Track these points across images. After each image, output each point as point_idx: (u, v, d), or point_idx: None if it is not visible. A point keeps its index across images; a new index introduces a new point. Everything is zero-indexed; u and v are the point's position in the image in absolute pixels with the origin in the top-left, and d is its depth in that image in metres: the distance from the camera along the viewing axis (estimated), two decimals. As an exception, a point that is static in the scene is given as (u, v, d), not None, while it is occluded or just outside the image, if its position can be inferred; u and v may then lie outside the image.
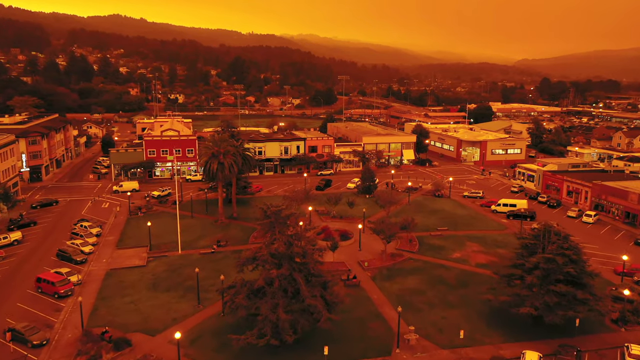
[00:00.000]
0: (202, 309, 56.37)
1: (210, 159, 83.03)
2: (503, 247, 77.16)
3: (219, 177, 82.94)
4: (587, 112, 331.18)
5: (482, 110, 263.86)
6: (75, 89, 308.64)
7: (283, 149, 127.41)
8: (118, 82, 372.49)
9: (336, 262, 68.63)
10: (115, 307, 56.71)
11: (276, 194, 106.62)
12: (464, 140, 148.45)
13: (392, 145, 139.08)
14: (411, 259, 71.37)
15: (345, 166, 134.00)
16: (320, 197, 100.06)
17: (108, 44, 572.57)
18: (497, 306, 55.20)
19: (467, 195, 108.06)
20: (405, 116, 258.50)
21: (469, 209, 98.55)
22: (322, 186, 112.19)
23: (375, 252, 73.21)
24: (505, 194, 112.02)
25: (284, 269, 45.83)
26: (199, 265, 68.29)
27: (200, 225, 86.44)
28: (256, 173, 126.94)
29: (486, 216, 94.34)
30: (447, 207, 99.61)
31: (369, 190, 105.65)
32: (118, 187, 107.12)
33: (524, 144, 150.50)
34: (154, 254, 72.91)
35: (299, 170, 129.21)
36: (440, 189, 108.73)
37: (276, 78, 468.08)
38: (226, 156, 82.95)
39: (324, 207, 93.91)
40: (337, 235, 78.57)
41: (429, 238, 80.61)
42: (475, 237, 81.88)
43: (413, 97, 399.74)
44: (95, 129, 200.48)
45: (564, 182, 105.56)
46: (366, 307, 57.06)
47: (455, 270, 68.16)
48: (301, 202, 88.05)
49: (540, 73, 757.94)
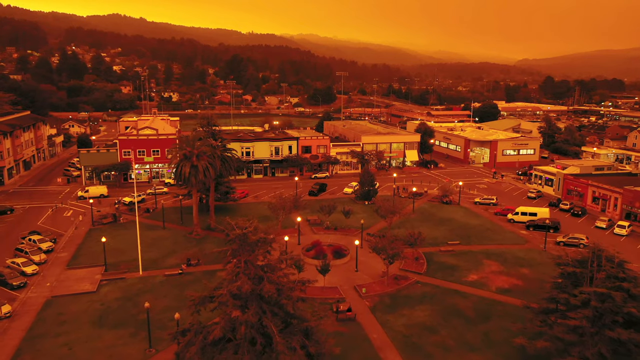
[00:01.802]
0: (153, 354, 44.30)
1: (182, 162, 70.99)
2: (527, 266, 65.11)
3: (192, 182, 70.85)
4: (594, 111, 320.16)
5: (488, 108, 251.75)
6: (64, 87, 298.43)
7: (273, 149, 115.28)
8: (111, 80, 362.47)
9: (328, 288, 56.58)
10: (44, 352, 44.58)
11: (264, 200, 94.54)
12: (473, 139, 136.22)
13: (394, 146, 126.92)
14: (419, 283, 59.24)
15: (342, 168, 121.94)
16: (313, 204, 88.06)
17: (106, 42, 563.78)
18: (532, 354, 42.86)
19: (478, 202, 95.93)
20: (407, 115, 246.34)
21: (482, 218, 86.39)
22: (315, 191, 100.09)
23: (376, 274, 61.14)
24: (521, 200, 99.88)
25: (250, 313, 33.78)
26: (161, 291, 56.48)
27: (172, 238, 74.34)
28: (244, 176, 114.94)
29: (502, 227, 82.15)
30: (457, 215, 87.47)
31: (368, 197, 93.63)
32: (83, 192, 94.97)
33: (537, 143, 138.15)
34: (109, 275, 60.84)
35: (291, 173, 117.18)
36: (449, 195, 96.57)
37: (275, 77, 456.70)
38: (200, 158, 70.90)
39: (316, 216, 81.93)
40: (330, 251, 66.56)
41: (439, 255, 68.44)
42: (492, 253, 69.73)
43: (414, 95, 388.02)
44: (78, 127, 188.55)
45: (589, 187, 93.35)
46: (363, 352, 44.90)
47: (473, 297, 56.04)
48: (289, 211, 76.04)
49: (541, 73, 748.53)
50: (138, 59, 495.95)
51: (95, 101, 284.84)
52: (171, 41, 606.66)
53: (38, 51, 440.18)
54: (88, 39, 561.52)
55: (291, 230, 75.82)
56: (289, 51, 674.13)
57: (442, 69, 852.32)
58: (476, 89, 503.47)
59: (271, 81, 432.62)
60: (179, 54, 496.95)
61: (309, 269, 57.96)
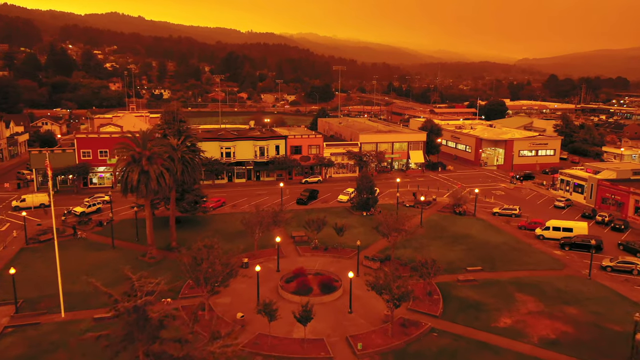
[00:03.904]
0: None
1: (129, 166, 55.90)
2: (573, 303, 50.01)
3: (142, 191, 55.70)
4: (602, 109, 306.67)
5: (495, 106, 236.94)
6: (47, 83, 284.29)
7: (258, 149, 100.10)
8: (100, 77, 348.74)
9: (310, 341, 41.45)
10: None
11: (244, 209, 79.43)
12: (485, 139, 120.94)
13: (396, 145, 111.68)
14: (434, 332, 44.03)
15: (337, 171, 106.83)
16: (302, 215, 73.00)
17: (102, 40, 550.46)
18: None
19: (498, 213, 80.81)
20: (408, 112, 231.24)
21: (504, 234, 71.26)
22: (304, 199, 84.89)
23: (376, 317, 45.99)
24: (546, 210, 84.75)
25: None
26: (80, 348, 41.05)
27: (119, 261, 58.93)
28: (224, 180, 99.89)
29: (531, 245, 67.05)
30: (474, 230, 72.37)
31: (366, 206, 78.56)
32: (19, 202, 79.54)
33: (557, 143, 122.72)
34: (20, 318, 45.71)
35: (278, 177, 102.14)
36: (462, 204, 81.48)
37: (272, 75, 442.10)
38: (153, 161, 55.80)
39: (303, 232, 66.77)
40: (317, 283, 51.48)
41: (457, 287, 53.22)
42: (525, 283, 54.57)
43: (415, 93, 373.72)
44: (53, 125, 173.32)
45: (631, 195, 78.26)
46: None
47: (509, 355, 40.84)
48: (267, 227, 60.93)
49: (541, 72, 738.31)
50: (133, 57, 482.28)
51: (81, 98, 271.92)
52: (168, 39, 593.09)
53: (32, 48, 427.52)
54: (83, 36, 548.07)
55: (271, 250, 60.87)
56: (287, 49, 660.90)
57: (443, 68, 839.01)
58: (478, 87, 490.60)
59: (268, 79, 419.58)
60: (175, 52, 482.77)
61: (287, 311, 42.68)
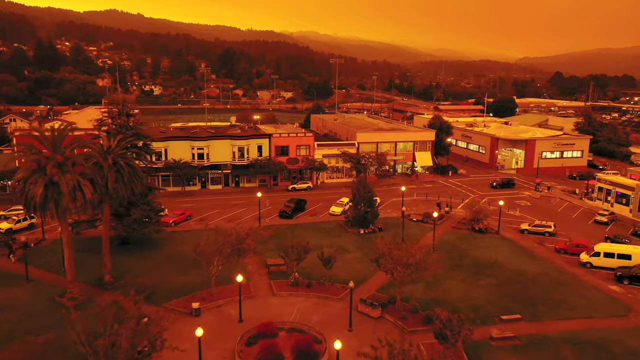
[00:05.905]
0: None
1: (32, 177, 40.32)
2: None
3: (50, 209, 40.16)
4: (612, 107, 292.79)
5: (504, 102, 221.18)
6: (30, 78, 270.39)
7: (236, 150, 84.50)
8: (89, 72, 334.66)
9: None
10: None
11: (213, 225, 62.53)
12: (502, 138, 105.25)
13: (400, 146, 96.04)
14: None
15: (330, 176, 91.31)
16: (284, 232, 57.53)
17: (98, 37, 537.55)
18: None
19: (527, 230, 65.22)
20: (411, 109, 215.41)
21: (540, 261, 55.58)
22: (288, 211, 69.22)
23: (374, 409, 30.46)
24: (585, 225, 69.20)
25: None
26: None
27: (27, 304, 43.60)
28: (196, 187, 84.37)
29: (577, 277, 51.45)
30: (501, 255, 56.73)
31: (364, 222, 63.01)
32: None
33: (585, 144, 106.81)
34: None
35: (261, 183, 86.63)
36: (482, 218, 65.89)
37: (269, 72, 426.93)
38: (65, 170, 40.25)
39: (281, 260, 51.02)
40: (290, 347, 35.81)
41: (491, 351, 37.50)
42: (584, 342, 38.86)
43: (417, 91, 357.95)
44: (21, 122, 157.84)
45: (695, 209, 62.77)
46: None
47: None
48: (228, 257, 45.27)
49: (542, 70, 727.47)
50: (129, 53, 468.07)
51: (65, 94, 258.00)
52: (164, 35, 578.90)
53: (25, 45, 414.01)
54: (79, 33, 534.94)
55: (235, 288, 45.01)
56: (286, 47, 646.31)
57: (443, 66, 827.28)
58: (480, 85, 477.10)
59: (265, 75, 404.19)
60: (171, 48, 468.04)
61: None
